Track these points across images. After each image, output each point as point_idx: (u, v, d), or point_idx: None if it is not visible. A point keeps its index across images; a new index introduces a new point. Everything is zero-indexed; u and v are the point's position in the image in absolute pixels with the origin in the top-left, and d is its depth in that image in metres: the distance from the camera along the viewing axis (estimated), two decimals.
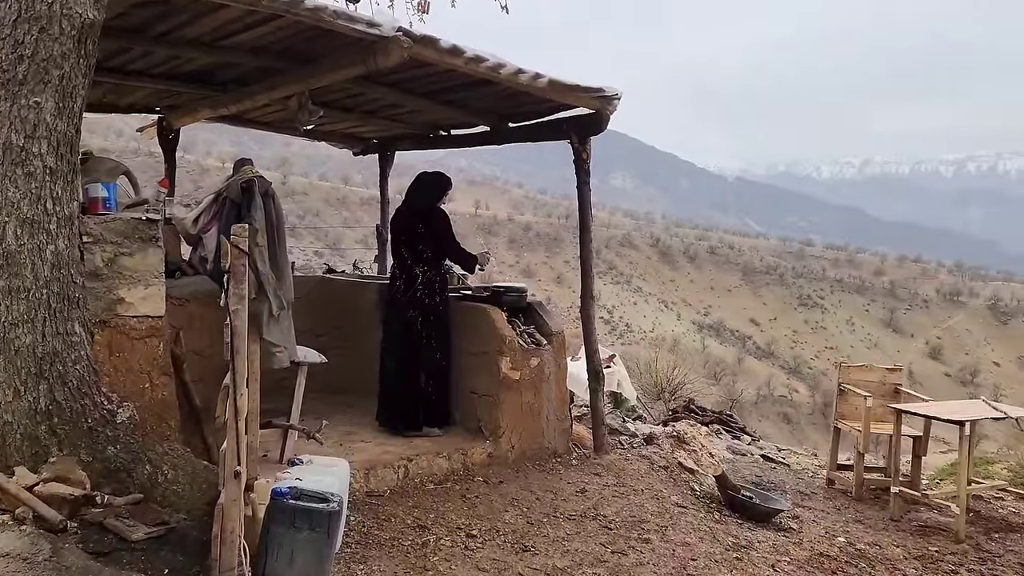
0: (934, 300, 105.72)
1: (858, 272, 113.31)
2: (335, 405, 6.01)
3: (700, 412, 9.71)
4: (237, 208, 3.96)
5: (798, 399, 75.00)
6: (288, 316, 4.15)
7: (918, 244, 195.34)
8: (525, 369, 5.23)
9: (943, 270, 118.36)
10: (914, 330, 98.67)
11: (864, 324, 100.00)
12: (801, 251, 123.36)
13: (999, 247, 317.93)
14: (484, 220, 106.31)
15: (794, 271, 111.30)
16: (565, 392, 5.54)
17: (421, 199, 5.42)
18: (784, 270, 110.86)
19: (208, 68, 5.23)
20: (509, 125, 6.05)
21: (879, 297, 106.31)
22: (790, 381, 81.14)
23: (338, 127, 6.93)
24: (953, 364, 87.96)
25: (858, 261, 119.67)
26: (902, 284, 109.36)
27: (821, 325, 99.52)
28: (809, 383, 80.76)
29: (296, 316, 6.36)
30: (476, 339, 5.39)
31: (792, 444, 35.39)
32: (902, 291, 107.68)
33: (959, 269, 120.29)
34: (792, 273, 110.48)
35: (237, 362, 2.59)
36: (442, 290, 5.37)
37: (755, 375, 79.41)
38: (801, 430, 65.68)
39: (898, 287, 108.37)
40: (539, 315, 5.62)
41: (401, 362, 5.31)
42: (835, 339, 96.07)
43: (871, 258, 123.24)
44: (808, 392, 77.23)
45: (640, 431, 7.50)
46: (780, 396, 74.28)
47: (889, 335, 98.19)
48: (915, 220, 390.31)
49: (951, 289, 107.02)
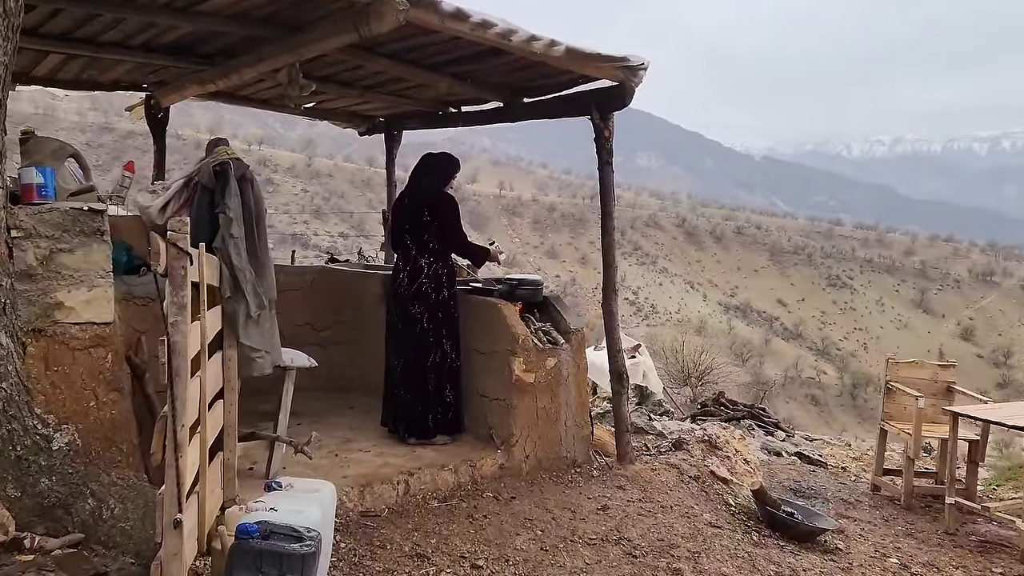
0: (966, 280, 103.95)
1: (888, 252, 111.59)
2: (336, 406, 5.58)
3: (731, 406, 9.19)
4: (210, 194, 3.47)
5: (826, 381, 74.12)
6: (271, 316, 3.67)
7: (950, 223, 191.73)
8: (540, 371, 4.71)
9: (975, 249, 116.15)
10: (945, 311, 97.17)
11: (894, 305, 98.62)
12: (830, 231, 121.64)
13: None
14: (508, 201, 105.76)
15: (822, 251, 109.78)
16: (585, 395, 5.02)
17: (426, 184, 4.89)
18: (812, 250, 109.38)
19: (191, 39, 4.75)
20: (523, 101, 5.50)
21: (909, 277, 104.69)
22: (818, 363, 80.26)
23: (339, 104, 6.41)
24: (986, 345, 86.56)
25: (888, 241, 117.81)
26: (933, 264, 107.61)
27: (850, 306, 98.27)
28: (837, 365, 79.91)
29: (295, 309, 5.98)
30: (486, 337, 4.86)
31: (820, 426, 34.54)
32: (933, 271, 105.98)
33: (992, 248, 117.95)
34: (820, 253, 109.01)
35: (176, 387, 2.11)
36: (450, 284, 4.85)
37: (782, 357, 78.61)
38: (829, 412, 64.96)
39: (929, 267, 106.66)
40: (556, 310, 5.08)
41: (406, 363, 4.81)
42: (864, 320, 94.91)
43: (901, 238, 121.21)
44: (836, 374, 76.33)
45: (667, 429, 6.98)
46: (808, 378, 73.50)
47: (920, 316, 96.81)
48: (947, 199, 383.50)
49: (984, 269, 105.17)
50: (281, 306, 5.87)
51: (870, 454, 9.56)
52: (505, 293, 4.99)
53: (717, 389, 24.06)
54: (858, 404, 70.18)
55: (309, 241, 65.05)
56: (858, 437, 27.26)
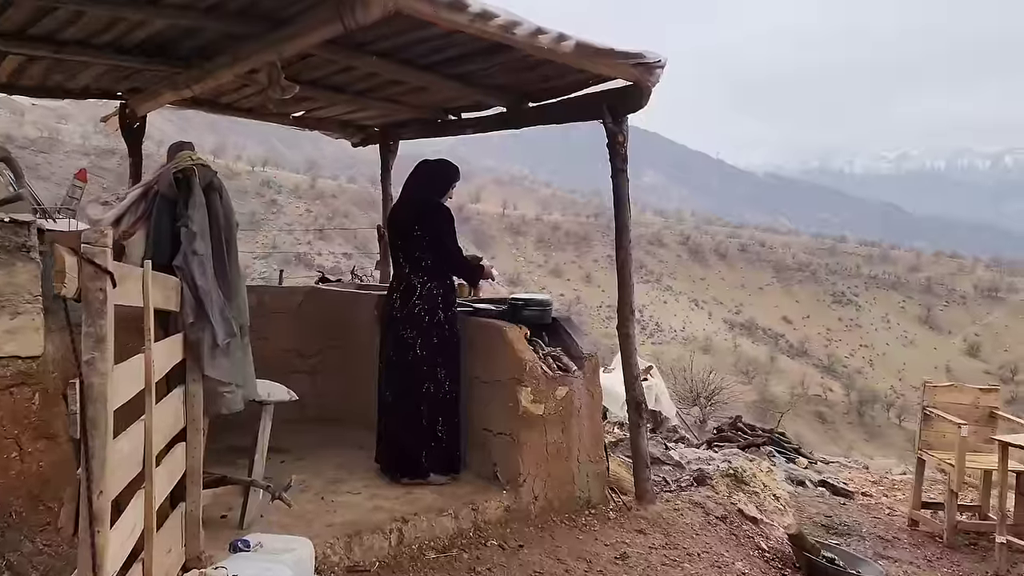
0: (971, 296, 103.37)
1: (893, 268, 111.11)
2: (326, 439, 5.10)
3: (749, 431, 8.66)
4: (171, 206, 3.02)
5: (833, 398, 73.39)
6: (243, 345, 3.20)
7: (955, 240, 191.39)
8: (550, 401, 4.22)
9: (980, 265, 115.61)
10: (951, 327, 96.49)
11: (900, 321, 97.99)
12: (834, 247, 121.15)
13: None
14: (512, 220, 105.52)
15: (827, 268, 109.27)
16: (599, 428, 4.52)
17: (421, 194, 4.44)
18: (817, 267, 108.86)
19: (162, 38, 4.31)
20: (529, 105, 5.06)
21: (915, 294, 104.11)
22: (824, 380, 79.57)
23: (331, 113, 5.96)
24: (992, 361, 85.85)
25: (893, 257, 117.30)
26: (938, 280, 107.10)
27: (855, 323, 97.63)
28: (844, 382, 79.25)
29: (282, 334, 5.51)
30: (489, 364, 4.38)
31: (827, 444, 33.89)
32: (939, 287, 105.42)
33: (997, 264, 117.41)
34: (825, 270, 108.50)
35: (93, 442, 1.64)
36: (447, 306, 4.39)
37: (789, 374, 77.98)
38: (836, 430, 64.30)
39: (934, 283, 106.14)
40: (567, 333, 4.61)
41: (399, 394, 4.33)
42: (870, 337, 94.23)
43: (906, 254, 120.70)
44: (843, 391, 75.60)
45: (684, 459, 6.50)
46: (815, 395, 72.77)
47: (926, 332, 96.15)
48: (952, 215, 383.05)
49: (989, 285, 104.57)
50: (267, 330, 5.45)
51: (889, 478, 9.08)
52: (509, 315, 4.52)
53: (727, 409, 23.50)
54: (865, 421, 69.48)
55: (313, 261, 64.72)
56: (866, 455, 26.74)
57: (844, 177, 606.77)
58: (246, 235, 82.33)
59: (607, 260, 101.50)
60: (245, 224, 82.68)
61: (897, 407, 70.61)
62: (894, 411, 70.16)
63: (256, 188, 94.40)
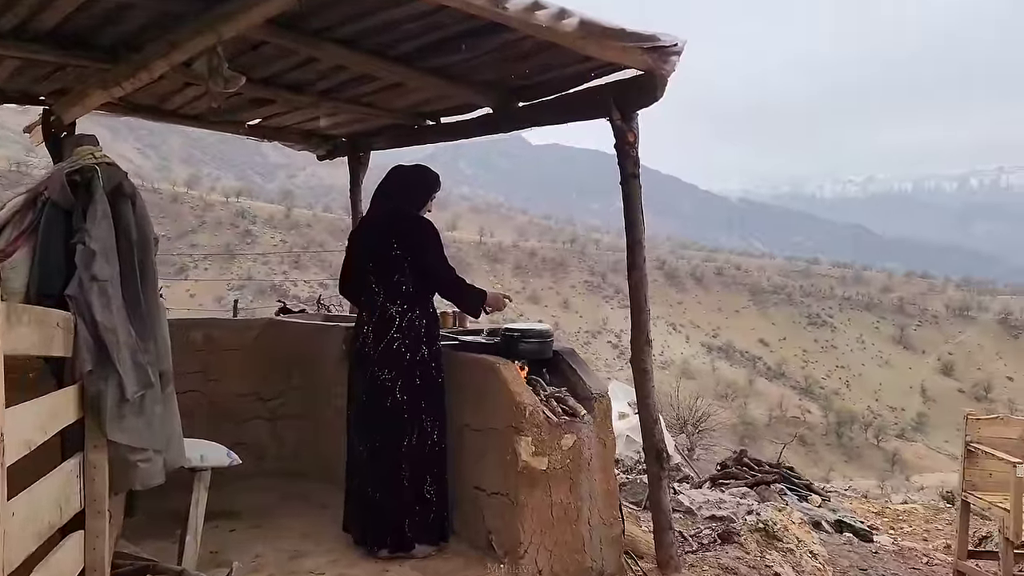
0: (943, 316, 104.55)
1: (866, 289, 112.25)
2: (287, 499, 4.34)
3: (755, 466, 7.96)
4: (66, 216, 2.30)
5: (811, 420, 73.30)
6: (163, 397, 2.45)
7: (923, 261, 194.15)
8: (555, 453, 3.47)
9: (951, 285, 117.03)
10: (925, 346, 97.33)
11: (875, 341, 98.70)
12: (808, 269, 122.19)
13: (1006, 261, 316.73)
14: (489, 247, 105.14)
15: (802, 290, 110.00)
16: (613, 482, 3.75)
17: (395, 205, 3.71)
18: (792, 289, 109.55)
19: (78, 24, 3.58)
20: (519, 105, 4.34)
21: (888, 314, 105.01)
22: (802, 402, 79.67)
23: (291, 120, 5.20)
24: (966, 380, 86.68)
25: (866, 278, 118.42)
26: (911, 300, 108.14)
27: (831, 344, 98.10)
28: (821, 403, 79.35)
29: (235, 374, 4.78)
30: (480, 409, 3.63)
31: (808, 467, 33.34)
32: (911, 307, 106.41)
33: (967, 284, 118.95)
34: (800, 292, 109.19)
35: None
36: (431, 339, 3.64)
37: (767, 397, 77.92)
38: (816, 452, 64.01)
39: (907, 303, 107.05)
40: (571, 369, 3.87)
41: (376, 449, 3.57)
42: (846, 357, 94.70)
43: (878, 275, 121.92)
44: (821, 412, 75.58)
45: (695, 503, 5.80)
46: (793, 417, 72.68)
47: (900, 352, 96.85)
48: (919, 236, 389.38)
49: (960, 304, 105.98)
50: (217, 371, 4.72)
51: (891, 507, 8.46)
52: (503, 348, 3.77)
53: (713, 437, 22.74)
54: (844, 443, 69.29)
55: (289, 291, 63.75)
56: (846, 476, 26.02)
57: (815, 201, 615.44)
58: (221, 266, 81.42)
59: (584, 286, 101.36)
60: (220, 254, 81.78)
61: (874, 427, 70.65)
62: (871, 431, 70.22)
63: (231, 219, 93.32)
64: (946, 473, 43.73)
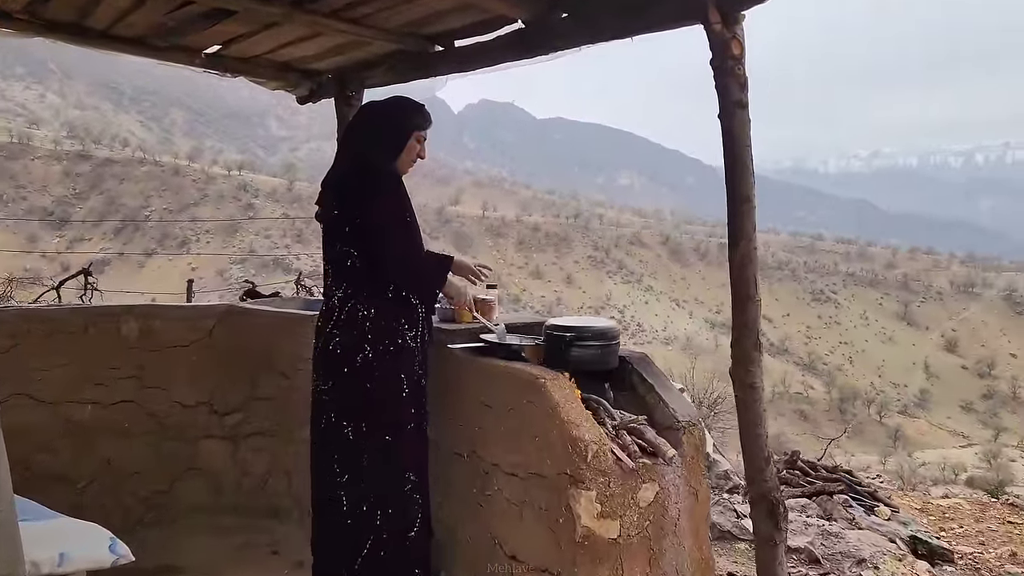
0: (948, 292, 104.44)
1: (870, 265, 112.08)
2: (248, 546, 3.38)
3: (812, 473, 6.29)
4: None
5: (814, 396, 73.74)
6: None
7: (928, 236, 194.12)
8: (630, 512, 2.36)
9: (955, 261, 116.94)
10: (929, 323, 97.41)
11: (878, 318, 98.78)
12: (812, 245, 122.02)
13: (1011, 237, 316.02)
14: (492, 222, 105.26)
15: (806, 266, 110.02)
16: (707, 549, 2.61)
17: (356, 152, 2.74)
18: (796, 265, 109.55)
19: None
20: (562, 16, 2.94)
21: (892, 290, 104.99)
22: (805, 378, 79.94)
23: (261, 48, 3.81)
24: (969, 356, 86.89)
25: (870, 254, 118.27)
26: (915, 277, 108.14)
27: (835, 320, 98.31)
28: (824, 379, 79.64)
29: (182, 379, 3.72)
30: (517, 445, 2.51)
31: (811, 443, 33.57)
32: (915, 284, 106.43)
33: (971, 260, 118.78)
34: (804, 268, 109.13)
35: None
36: (377, 340, 2.61)
37: (770, 372, 78.33)
38: (819, 427, 64.44)
39: (911, 280, 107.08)
40: (646, 385, 2.71)
41: (331, 499, 2.65)
42: (849, 334, 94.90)
43: (882, 251, 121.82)
44: (824, 388, 75.95)
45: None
46: (796, 393, 73.12)
47: (904, 328, 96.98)
48: (925, 212, 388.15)
49: (965, 280, 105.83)
50: (159, 376, 3.66)
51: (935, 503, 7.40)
52: (548, 355, 2.64)
53: (729, 419, 23.07)
54: (847, 418, 69.81)
55: (291, 265, 64.12)
56: (848, 452, 26.04)
57: (818, 176, 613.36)
58: (223, 239, 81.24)
59: (587, 261, 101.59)
60: (222, 229, 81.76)
61: (877, 403, 71.10)
62: (874, 407, 70.67)
63: (233, 192, 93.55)
64: (947, 449, 43.48)
